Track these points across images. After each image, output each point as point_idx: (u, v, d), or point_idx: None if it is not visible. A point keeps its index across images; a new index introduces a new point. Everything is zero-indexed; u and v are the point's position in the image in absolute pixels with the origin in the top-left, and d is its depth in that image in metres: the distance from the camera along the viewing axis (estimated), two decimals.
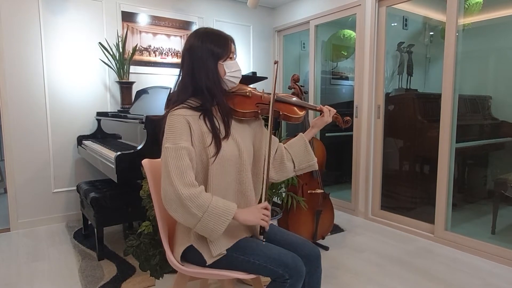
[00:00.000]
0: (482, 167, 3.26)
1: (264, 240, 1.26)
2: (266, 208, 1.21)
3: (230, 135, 1.26)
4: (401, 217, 3.06)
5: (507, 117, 2.99)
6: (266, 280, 1.22)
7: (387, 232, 2.96)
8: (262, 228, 1.23)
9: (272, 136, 1.36)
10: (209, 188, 1.21)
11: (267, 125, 1.32)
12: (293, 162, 1.41)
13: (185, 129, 1.18)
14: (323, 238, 2.62)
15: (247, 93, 1.34)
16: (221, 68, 1.25)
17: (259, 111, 1.33)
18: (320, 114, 1.47)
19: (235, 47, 1.30)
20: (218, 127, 1.24)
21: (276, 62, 1.41)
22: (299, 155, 1.42)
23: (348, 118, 1.51)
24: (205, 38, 1.24)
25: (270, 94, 1.36)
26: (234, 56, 1.30)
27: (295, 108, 1.41)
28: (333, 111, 1.46)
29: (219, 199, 1.16)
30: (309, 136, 1.46)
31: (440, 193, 2.71)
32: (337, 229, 2.99)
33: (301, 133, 1.46)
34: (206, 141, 1.20)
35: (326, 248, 2.58)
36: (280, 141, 1.48)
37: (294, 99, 1.45)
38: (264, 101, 1.35)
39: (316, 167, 1.44)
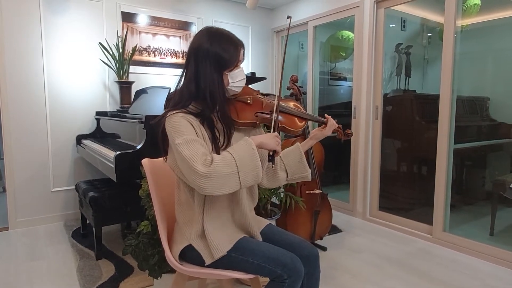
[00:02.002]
0: (480, 168, 3.27)
1: (273, 166, 1.27)
2: (277, 137, 1.21)
3: (230, 145, 1.24)
4: (399, 218, 3.07)
5: (505, 119, 3.00)
6: (265, 280, 1.23)
7: (385, 233, 2.96)
8: (272, 156, 1.20)
9: None
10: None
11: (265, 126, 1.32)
12: (286, 171, 1.40)
13: (189, 127, 1.15)
14: (321, 239, 2.63)
15: (248, 100, 1.30)
16: (225, 78, 1.22)
17: (258, 122, 1.29)
18: (319, 125, 1.46)
19: (244, 53, 1.26)
20: (218, 137, 1.22)
21: (289, 17, 1.32)
22: (293, 165, 1.40)
23: (349, 131, 1.50)
24: (215, 40, 1.19)
25: (272, 101, 1.32)
26: (241, 62, 1.26)
27: (295, 119, 1.39)
28: (336, 125, 1.45)
29: (232, 147, 1.13)
30: (306, 148, 1.44)
31: (438, 194, 2.72)
32: (335, 230, 3.00)
33: (298, 143, 1.44)
34: (207, 147, 1.19)
35: (324, 249, 2.58)
36: None
37: (296, 109, 1.42)
38: (264, 109, 1.31)
39: (309, 179, 1.42)
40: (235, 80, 1.24)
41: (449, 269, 2.30)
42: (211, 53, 1.18)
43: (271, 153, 1.21)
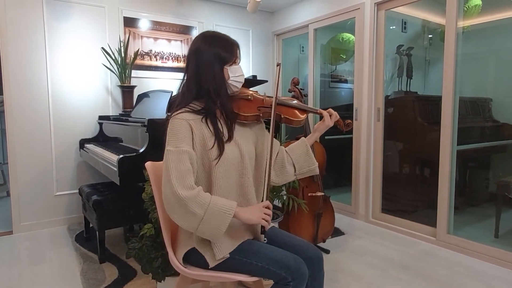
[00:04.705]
0: (483, 170, 3.26)
1: (265, 240, 1.27)
2: (267, 207, 1.22)
3: (233, 138, 1.26)
4: (402, 220, 3.05)
5: (508, 119, 2.99)
6: (269, 283, 1.23)
7: (388, 235, 2.95)
8: (262, 227, 1.23)
9: (274, 139, 1.37)
10: (213, 190, 1.22)
11: (268, 128, 1.33)
12: (294, 166, 1.42)
13: (187, 133, 1.18)
14: (323, 241, 2.62)
15: (249, 97, 1.35)
16: (225, 72, 1.26)
17: (261, 115, 1.34)
18: (320, 118, 1.47)
19: (239, 52, 1.31)
20: (222, 130, 1.25)
21: (278, 65, 1.42)
22: (300, 159, 1.42)
23: (349, 121, 1.52)
24: (213, 41, 1.26)
25: (271, 97, 1.37)
26: (238, 61, 1.31)
27: (296, 111, 1.42)
28: (335, 115, 1.45)
29: (218, 197, 1.17)
30: (311, 141, 1.46)
31: (441, 196, 2.70)
32: (337, 232, 2.99)
33: (303, 137, 1.46)
34: (208, 144, 1.20)
35: (327, 251, 2.57)
36: (280, 144, 1.48)
37: (295, 102, 1.46)
38: (265, 104, 1.36)
39: (317, 172, 1.44)
40: (235, 74, 1.28)
41: (453, 272, 2.28)
42: (210, 52, 1.24)
43: (262, 229, 1.25)
